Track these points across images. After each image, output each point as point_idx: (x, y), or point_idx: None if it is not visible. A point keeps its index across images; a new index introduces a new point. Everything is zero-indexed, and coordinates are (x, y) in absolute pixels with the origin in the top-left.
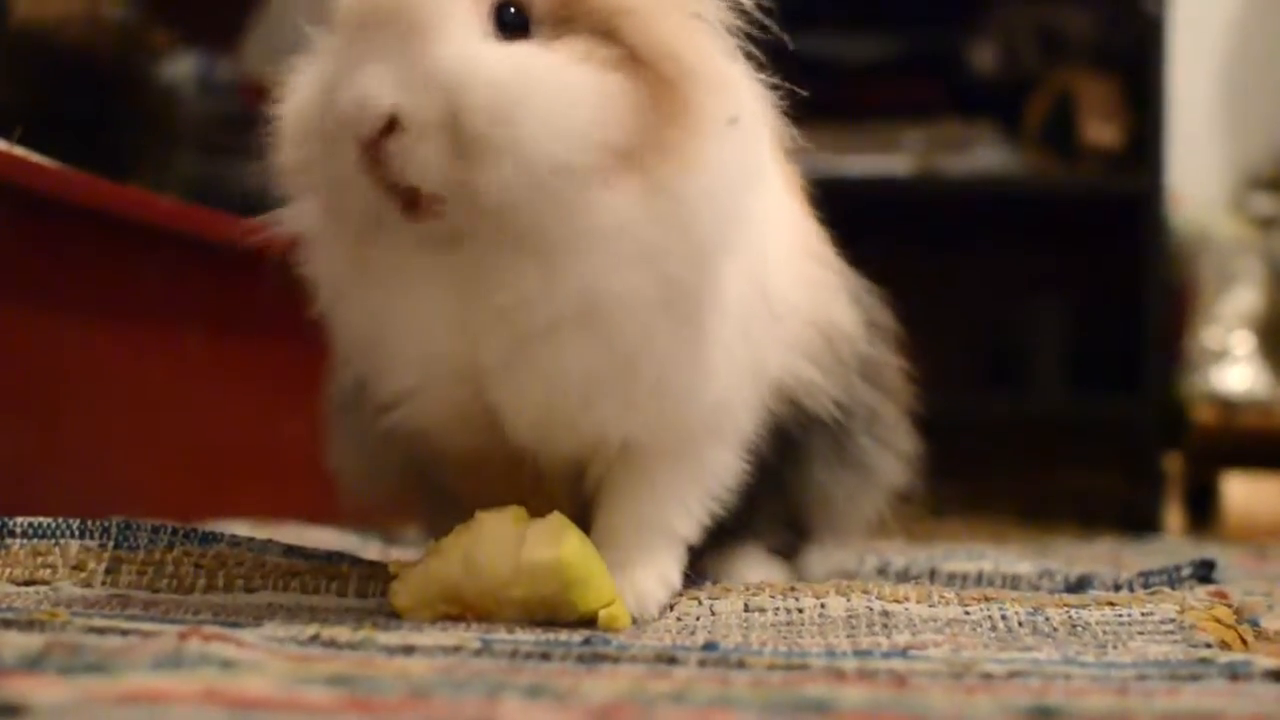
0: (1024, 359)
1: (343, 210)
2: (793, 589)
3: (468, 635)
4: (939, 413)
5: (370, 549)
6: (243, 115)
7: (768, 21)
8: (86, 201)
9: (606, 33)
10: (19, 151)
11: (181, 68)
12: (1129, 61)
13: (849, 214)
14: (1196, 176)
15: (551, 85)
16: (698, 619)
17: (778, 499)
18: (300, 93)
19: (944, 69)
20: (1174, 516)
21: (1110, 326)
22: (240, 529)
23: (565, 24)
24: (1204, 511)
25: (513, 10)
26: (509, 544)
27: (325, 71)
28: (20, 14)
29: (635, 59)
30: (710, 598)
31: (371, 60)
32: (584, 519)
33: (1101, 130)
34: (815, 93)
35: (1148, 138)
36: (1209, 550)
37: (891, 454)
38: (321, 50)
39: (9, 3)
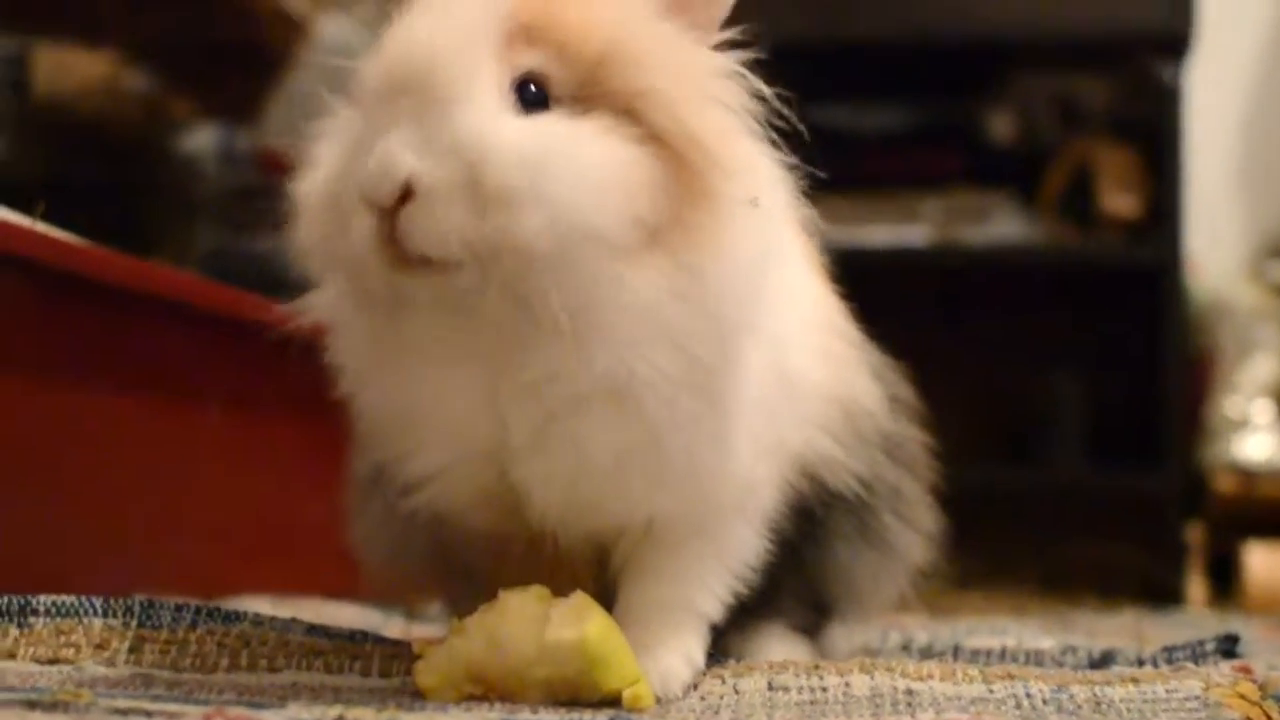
0: (1043, 429)
1: (363, 288)
2: (817, 667)
3: (492, 715)
4: (958, 484)
5: (392, 626)
6: (263, 188)
7: (784, 101)
8: (108, 277)
9: (628, 113)
10: (41, 227)
11: (201, 140)
12: (1146, 131)
13: (867, 284)
14: (1215, 245)
15: (574, 152)
16: (721, 698)
17: (801, 576)
18: (319, 168)
19: (962, 139)
20: (1195, 587)
21: (1129, 396)
22: (261, 605)
23: (586, 102)
24: (1225, 581)
25: (534, 88)
26: (533, 623)
27: (345, 145)
28: (41, 87)
29: (656, 140)
30: (734, 676)
31: (391, 129)
32: (607, 598)
33: (1119, 200)
34: (833, 164)
35: (1166, 207)
36: (1231, 622)
37: (914, 531)
38: (340, 125)
39: (30, 76)
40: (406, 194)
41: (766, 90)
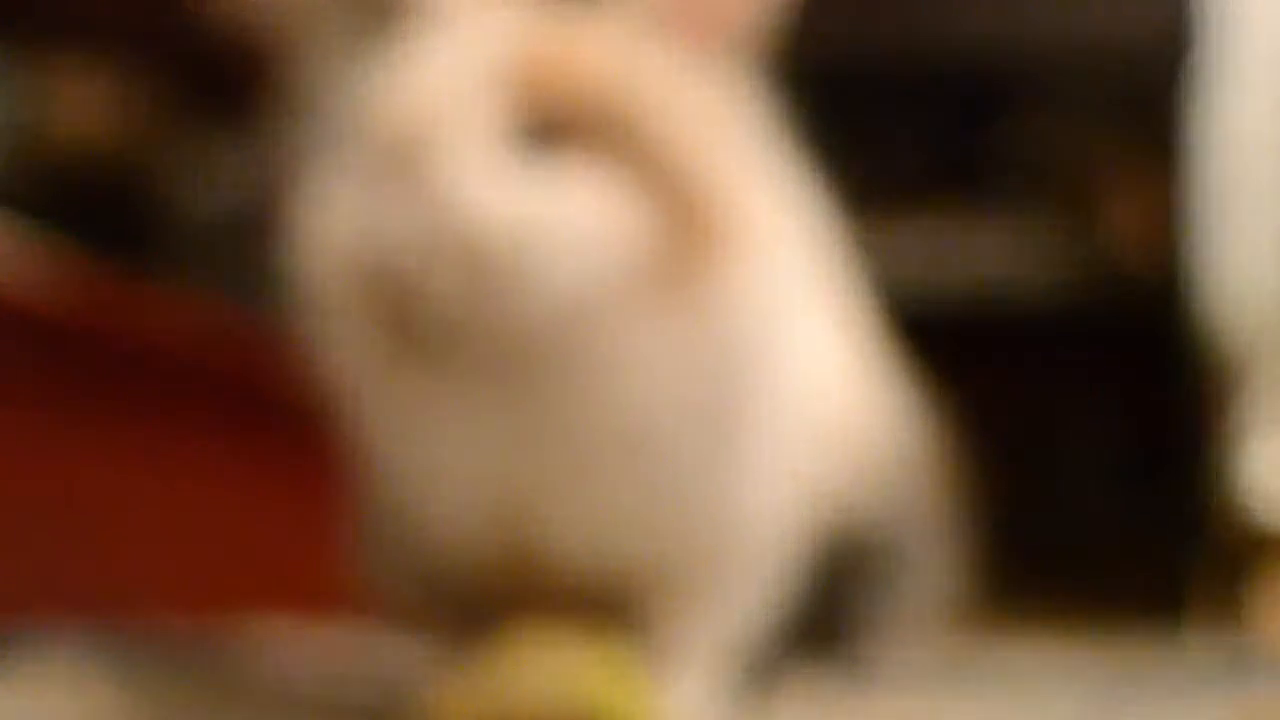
0: (1069, 472)
1: (366, 349)
2: (845, 703)
3: None
4: (983, 528)
5: (403, 664)
6: (269, 231)
7: (796, 129)
8: (116, 326)
9: (633, 158)
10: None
11: (211, 185)
12: (1163, 170)
13: (883, 318)
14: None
15: (567, 215)
16: None
17: (826, 616)
18: (316, 228)
19: (973, 164)
20: (1219, 622)
21: (1149, 434)
22: (274, 637)
23: (590, 148)
24: (1240, 613)
25: (534, 134)
26: (545, 666)
27: (338, 207)
28: (46, 130)
29: (661, 186)
30: (757, 715)
31: (380, 202)
32: (622, 642)
33: (1137, 240)
34: (846, 191)
35: (1182, 236)
36: (1258, 659)
37: (943, 570)
38: (336, 179)
39: (35, 126)
40: (402, 272)
41: (779, 125)
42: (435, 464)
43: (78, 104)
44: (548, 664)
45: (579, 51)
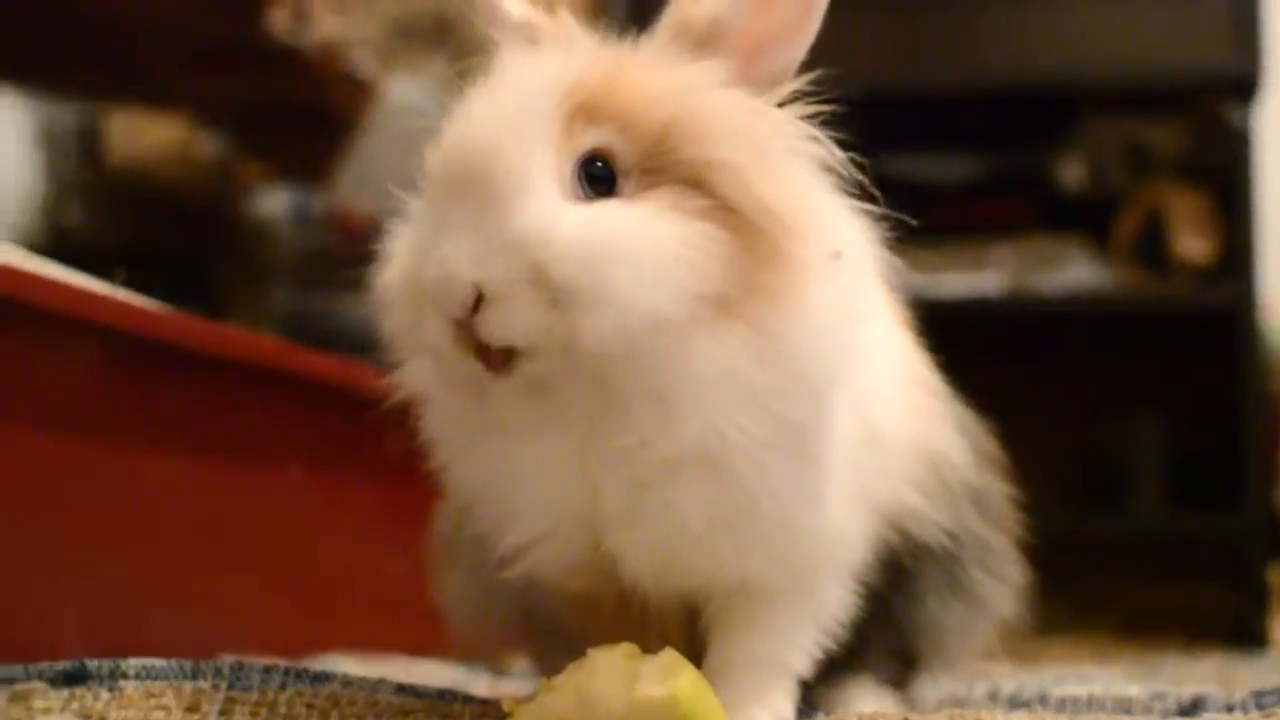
0: (1122, 474)
1: (448, 375)
2: (906, 719)
3: None
4: (1038, 532)
5: (479, 684)
6: (335, 249)
7: (855, 153)
8: (188, 343)
9: (695, 183)
10: (121, 295)
11: (273, 202)
12: (1218, 175)
13: (941, 334)
14: None
15: (636, 239)
16: None
17: (889, 629)
18: (394, 262)
19: (1033, 187)
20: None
21: (1208, 439)
22: (347, 665)
23: (654, 174)
24: None
25: (599, 164)
26: (623, 681)
27: (415, 240)
28: (115, 154)
29: (726, 209)
30: None
31: (452, 231)
32: (696, 654)
33: (1192, 244)
34: (905, 214)
35: (1239, 250)
36: None
37: (1001, 584)
38: (412, 216)
39: (104, 143)
40: (476, 300)
41: (837, 146)
42: (515, 482)
43: (149, 148)
44: (620, 681)
45: (642, 79)
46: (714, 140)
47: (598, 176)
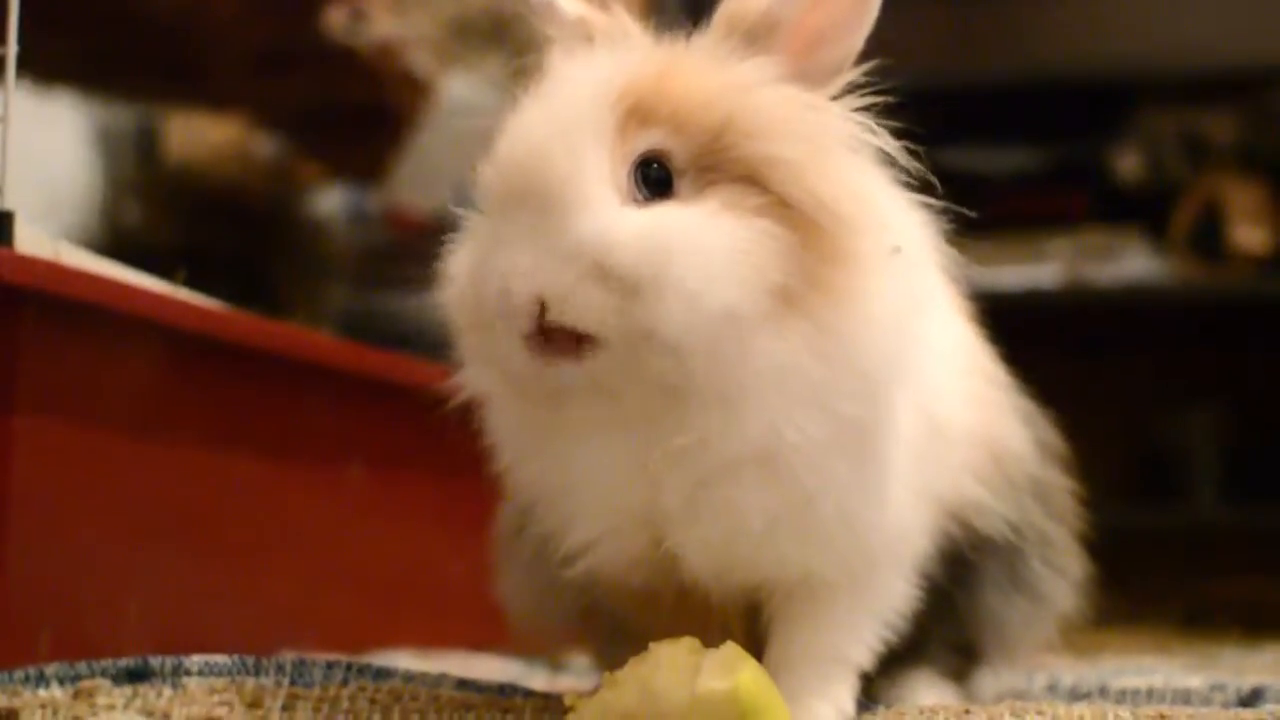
0: (1180, 466)
1: (513, 381)
2: (967, 712)
3: None
4: (1096, 523)
5: (539, 679)
6: (391, 247)
7: (911, 144)
8: (249, 341)
9: (752, 180)
10: (183, 294)
11: (330, 201)
12: (1275, 164)
13: (998, 326)
14: None
15: (697, 236)
16: None
17: (950, 622)
18: (455, 278)
19: (1089, 178)
20: None
21: (1265, 430)
22: (407, 660)
23: (710, 172)
24: None
25: (655, 165)
26: (685, 674)
27: (474, 255)
28: (174, 155)
29: (784, 205)
30: None
31: (511, 244)
32: (758, 648)
33: (1250, 234)
34: (961, 206)
35: None
36: None
37: (1062, 577)
38: (471, 230)
39: (163, 144)
40: (541, 309)
41: (891, 138)
42: (577, 483)
43: (203, 149)
44: (682, 675)
45: (695, 77)
46: (769, 137)
47: (654, 179)
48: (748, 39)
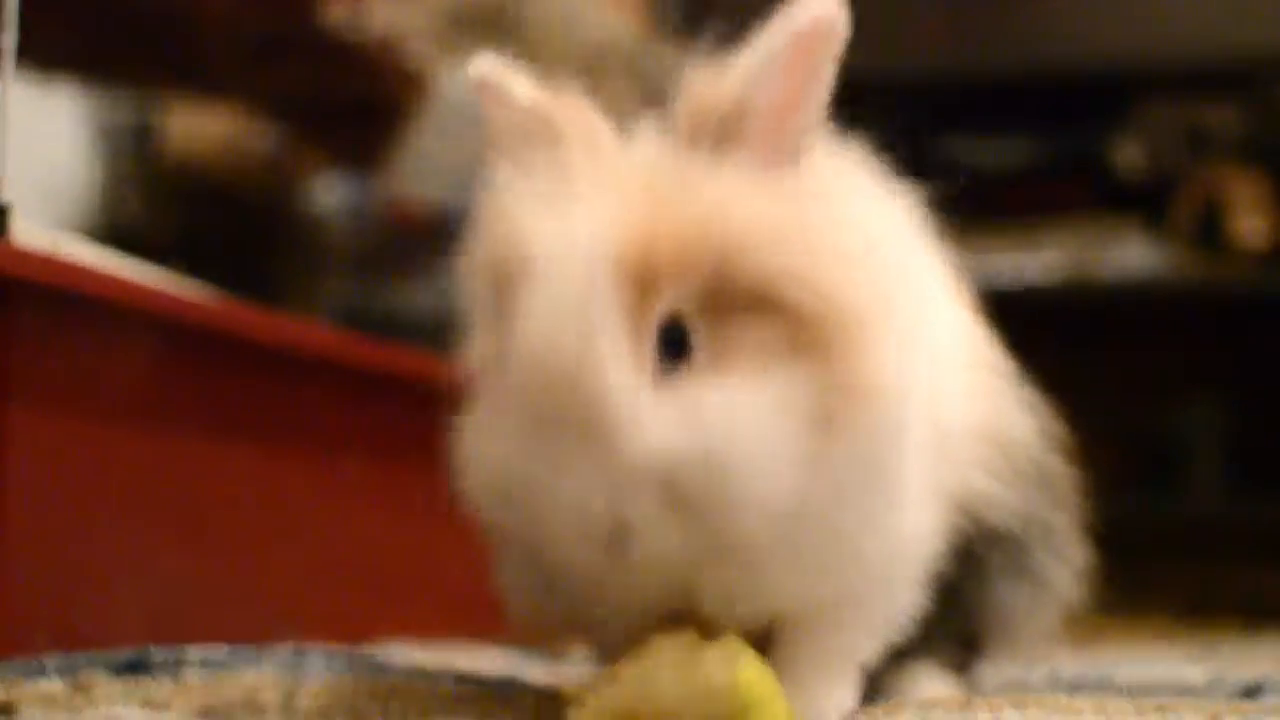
0: (1181, 457)
1: (552, 568)
2: (968, 703)
3: None
4: (1097, 515)
5: (538, 671)
6: (390, 239)
7: (912, 136)
8: (246, 333)
9: (763, 302)
10: (180, 286)
11: (328, 193)
12: (1276, 156)
13: (997, 318)
14: None
15: (748, 429)
16: None
17: (955, 614)
18: (481, 461)
19: (1090, 170)
20: None
21: (1267, 421)
22: (406, 651)
23: (720, 310)
24: None
25: (672, 328)
26: (685, 668)
27: (505, 450)
28: (172, 145)
29: (799, 319)
30: (885, 715)
31: (565, 464)
32: (758, 641)
33: (1250, 226)
34: (962, 197)
35: None
36: None
37: (1066, 566)
38: (489, 402)
39: (161, 134)
40: (617, 529)
41: (893, 131)
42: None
43: (201, 141)
44: (682, 668)
45: (685, 211)
46: (772, 252)
47: (672, 340)
48: (717, 133)
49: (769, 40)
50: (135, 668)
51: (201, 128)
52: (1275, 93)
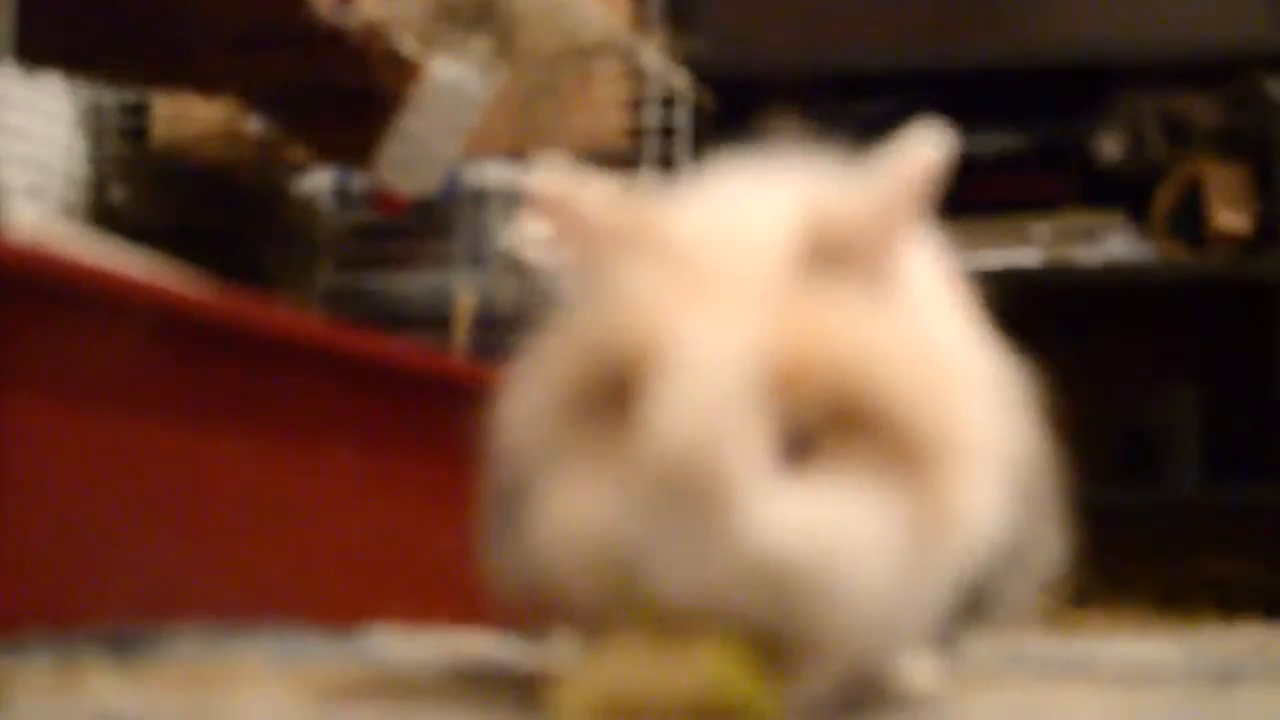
0: (1158, 446)
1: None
2: (946, 684)
3: None
4: (1076, 501)
5: (524, 655)
6: (379, 227)
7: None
8: (233, 320)
9: (876, 429)
10: (168, 273)
11: (317, 182)
12: (1256, 148)
13: (980, 307)
14: None
15: (850, 527)
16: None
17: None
18: (569, 526)
19: (1070, 161)
20: None
21: (1245, 411)
22: (393, 635)
23: (839, 428)
24: None
25: (798, 436)
26: (674, 655)
27: (601, 519)
28: (160, 134)
29: (902, 446)
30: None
31: (679, 537)
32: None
33: (1230, 217)
34: (943, 188)
35: (1277, 223)
36: None
37: (1045, 544)
38: (584, 460)
39: (149, 124)
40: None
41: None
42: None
43: (193, 129)
44: (671, 652)
45: (829, 334)
46: (885, 380)
47: (795, 448)
48: (841, 256)
49: (893, 174)
50: (123, 646)
51: (189, 114)
52: (1256, 84)
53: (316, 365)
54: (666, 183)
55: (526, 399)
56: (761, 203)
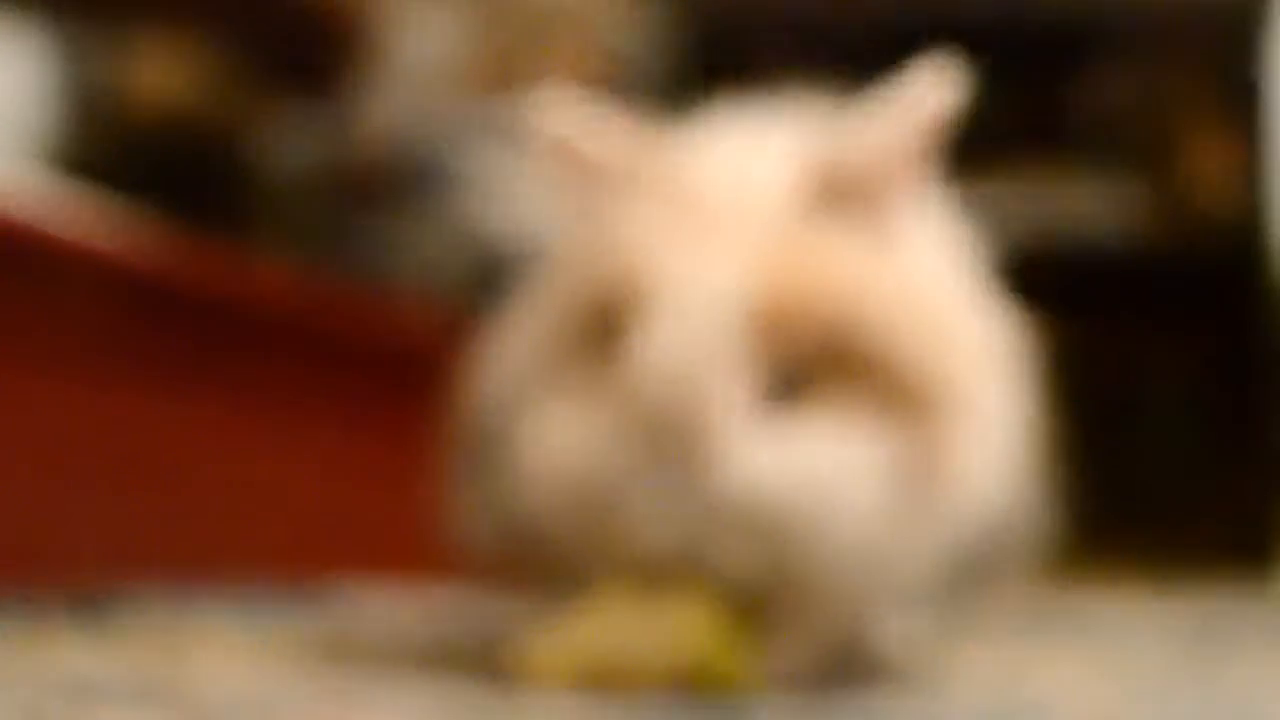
0: (1138, 422)
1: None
2: (931, 646)
3: (609, 703)
4: (1066, 473)
5: (496, 612)
6: (352, 187)
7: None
8: (195, 281)
9: (870, 369)
10: (130, 229)
11: (292, 141)
12: (1237, 126)
13: (988, 270)
14: None
15: (834, 468)
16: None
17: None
18: (567, 456)
19: (1046, 127)
20: None
21: (1225, 387)
22: (360, 593)
23: (829, 370)
24: None
25: (785, 377)
26: (652, 609)
27: (596, 450)
28: (130, 95)
29: (901, 390)
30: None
31: (654, 473)
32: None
33: (1212, 195)
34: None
35: (1259, 201)
36: None
37: (1033, 521)
38: (562, 394)
39: (118, 87)
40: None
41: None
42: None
43: (159, 71)
44: (649, 610)
45: (827, 269)
46: (883, 324)
47: (781, 389)
48: (844, 194)
49: (901, 115)
50: (85, 612)
51: (158, 63)
52: (1237, 45)
53: (283, 325)
54: (665, 122)
55: (513, 336)
56: (763, 143)
